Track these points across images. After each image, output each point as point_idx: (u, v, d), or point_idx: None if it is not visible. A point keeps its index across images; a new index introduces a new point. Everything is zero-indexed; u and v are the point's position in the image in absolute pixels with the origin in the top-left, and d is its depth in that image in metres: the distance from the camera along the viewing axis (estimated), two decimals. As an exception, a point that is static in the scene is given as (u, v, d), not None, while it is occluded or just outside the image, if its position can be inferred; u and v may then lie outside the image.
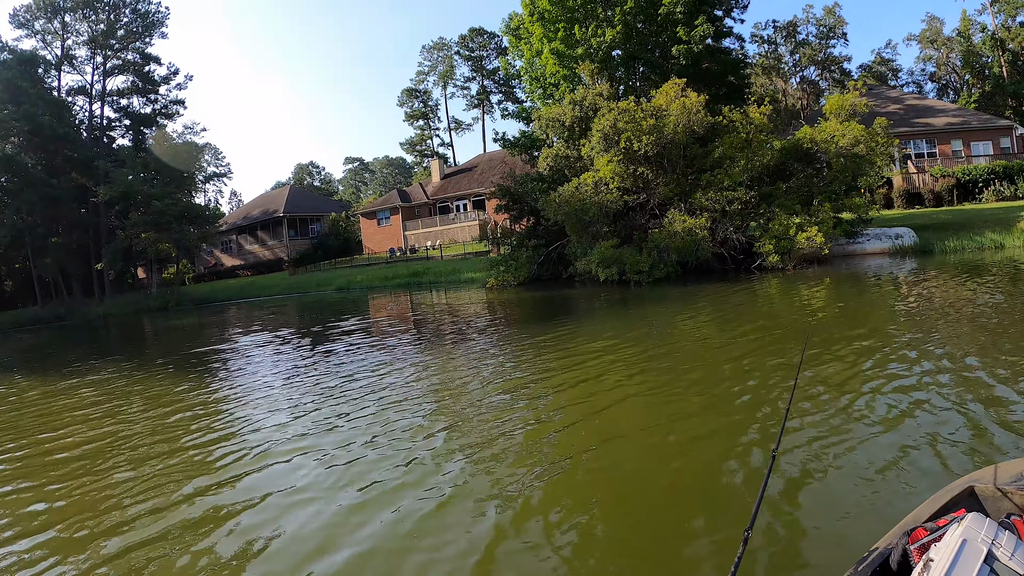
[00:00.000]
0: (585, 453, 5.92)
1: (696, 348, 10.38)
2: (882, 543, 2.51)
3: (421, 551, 4.38)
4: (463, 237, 47.63)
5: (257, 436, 7.63)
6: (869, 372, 7.51)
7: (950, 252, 20.16)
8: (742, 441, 5.84)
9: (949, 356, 7.76)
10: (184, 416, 9.17)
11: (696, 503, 4.77)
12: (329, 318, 22.35)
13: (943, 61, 68.71)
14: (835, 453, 5.25)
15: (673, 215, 21.14)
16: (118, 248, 41.66)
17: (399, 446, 6.62)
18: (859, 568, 2.38)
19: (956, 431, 5.35)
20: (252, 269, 59.03)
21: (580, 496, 5.07)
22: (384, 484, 5.60)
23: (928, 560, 2.05)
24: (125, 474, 6.69)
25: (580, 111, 24.44)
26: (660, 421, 6.72)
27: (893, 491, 4.42)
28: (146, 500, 5.83)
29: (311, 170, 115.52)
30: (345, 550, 4.48)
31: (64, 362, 18.12)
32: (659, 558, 4.08)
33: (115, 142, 51.40)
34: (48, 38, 47.17)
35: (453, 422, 7.37)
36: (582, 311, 17.46)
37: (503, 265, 27.17)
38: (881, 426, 5.69)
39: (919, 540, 2.27)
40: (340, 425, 7.66)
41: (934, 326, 9.77)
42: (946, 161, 37.81)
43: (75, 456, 7.62)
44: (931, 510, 2.64)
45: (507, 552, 4.27)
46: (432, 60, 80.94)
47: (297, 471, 6.18)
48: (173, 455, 7.23)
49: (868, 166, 21.64)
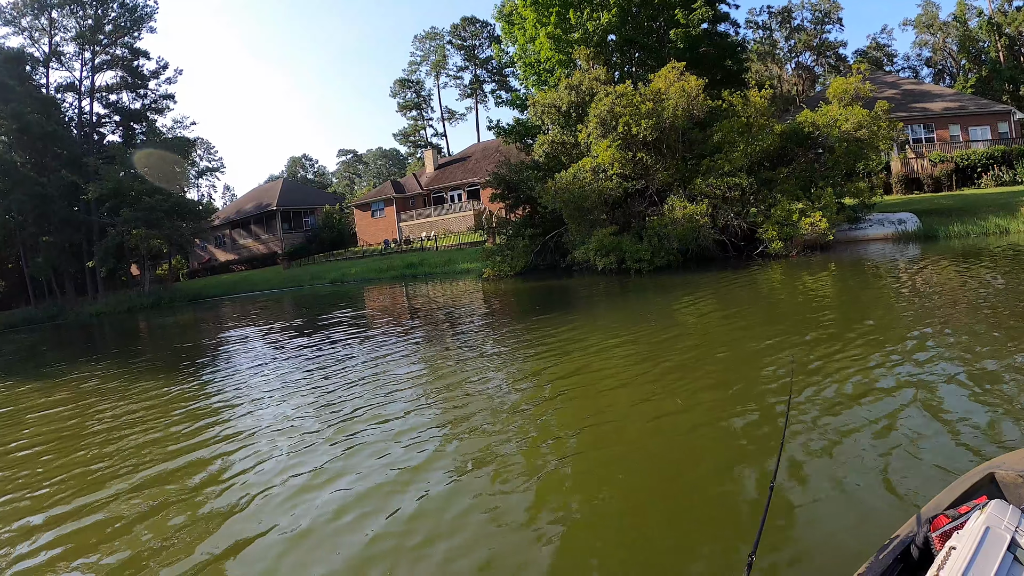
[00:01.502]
0: (590, 454, 5.65)
1: (707, 344, 10.02)
2: (903, 531, 2.49)
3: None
4: (458, 227, 47.22)
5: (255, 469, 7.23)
6: (887, 364, 7.18)
7: (955, 238, 19.78)
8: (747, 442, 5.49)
9: (966, 345, 7.44)
10: (149, 415, 8.81)
11: (695, 504, 4.57)
12: (320, 313, 21.96)
13: (939, 46, 68.28)
14: (847, 434, 5.12)
15: (673, 201, 20.73)
16: (109, 245, 41.15)
17: (391, 449, 6.29)
18: (880, 556, 2.36)
19: (973, 418, 5.21)
20: (246, 264, 58.59)
21: (580, 487, 4.96)
22: (380, 485, 5.42)
23: (950, 548, 2.03)
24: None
25: (576, 96, 23.95)
26: (663, 422, 6.36)
27: (911, 482, 4.26)
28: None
29: (304, 163, 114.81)
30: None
31: (45, 362, 17.76)
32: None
33: (105, 138, 50.88)
34: (36, 35, 46.54)
35: (451, 419, 7.09)
36: (581, 301, 17.08)
37: (499, 255, 26.73)
38: (889, 418, 5.48)
39: (940, 528, 2.27)
40: (333, 440, 7.29)
41: (954, 314, 9.36)
42: (944, 146, 37.46)
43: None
44: (952, 497, 2.61)
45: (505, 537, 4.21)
46: (424, 50, 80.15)
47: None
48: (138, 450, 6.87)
49: (871, 151, 21.26)
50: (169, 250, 46.12)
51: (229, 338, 18.23)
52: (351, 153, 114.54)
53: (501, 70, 74.36)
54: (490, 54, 74.41)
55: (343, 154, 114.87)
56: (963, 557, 1.94)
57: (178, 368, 13.44)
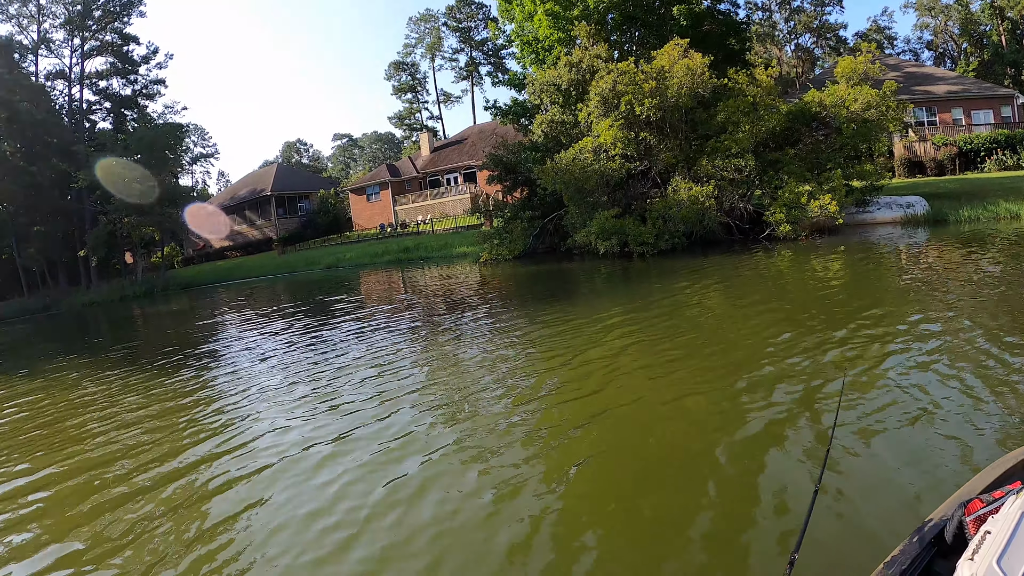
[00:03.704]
0: (596, 450, 5.38)
1: (721, 343, 9.58)
2: (937, 514, 2.46)
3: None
4: (455, 211, 46.65)
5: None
6: (928, 350, 6.86)
7: (965, 222, 19.27)
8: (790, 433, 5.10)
9: (995, 335, 7.01)
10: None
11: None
12: (310, 300, 21.53)
13: (940, 29, 67.56)
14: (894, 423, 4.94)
15: (677, 182, 20.16)
16: (101, 234, 40.46)
17: (387, 439, 5.97)
18: (913, 539, 2.35)
19: (1010, 404, 5.06)
20: (241, 250, 58.07)
21: (581, 477, 4.85)
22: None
23: (985, 532, 2.00)
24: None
25: (577, 74, 23.26)
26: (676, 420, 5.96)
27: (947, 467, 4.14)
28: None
29: (299, 148, 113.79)
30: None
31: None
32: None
33: (96, 126, 50.13)
34: (24, 22, 45.73)
35: (449, 412, 6.78)
36: (582, 286, 16.61)
37: (496, 238, 26.13)
38: (925, 403, 5.30)
39: (975, 512, 2.23)
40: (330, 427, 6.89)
41: (984, 303, 8.86)
42: (947, 130, 37.02)
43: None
44: (986, 481, 2.59)
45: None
46: (419, 32, 79.00)
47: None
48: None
49: (880, 132, 20.72)
50: (162, 237, 45.41)
51: (217, 326, 17.89)
52: (346, 137, 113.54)
53: (497, 52, 73.40)
54: (486, 36, 73.42)
55: (338, 138, 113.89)
56: (998, 542, 1.91)
57: (160, 360, 13.03)
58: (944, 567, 2.21)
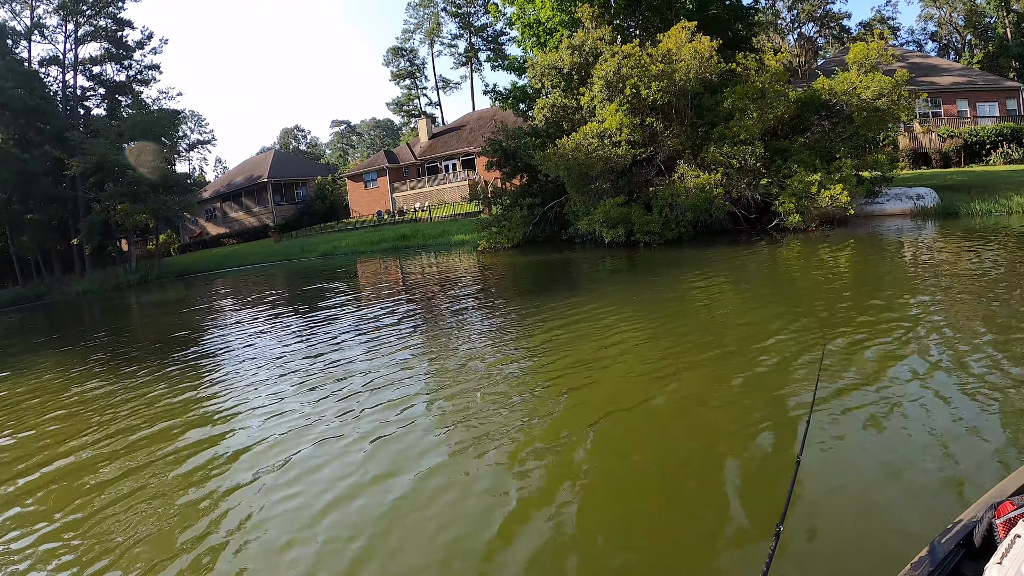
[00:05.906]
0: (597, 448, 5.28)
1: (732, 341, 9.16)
2: (966, 516, 2.42)
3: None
4: (453, 198, 46.13)
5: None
6: (940, 348, 6.58)
7: (976, 215, 18.80)
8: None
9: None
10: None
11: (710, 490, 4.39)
12: (305, 288, 21.12)
13: (945, 20, 66.87)
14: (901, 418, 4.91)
15: (684, 170, 19.63)
16: (95, 221, 39.82)
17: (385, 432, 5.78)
18: (941, 540, 2.31)
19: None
20: (238, 237, 57.65)
21: (582, 473, 4.83)
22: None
23: (1016, 536, 1.95)
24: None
25: (579, 57, 22.62)
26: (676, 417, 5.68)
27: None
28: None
29: (296, 134, 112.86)
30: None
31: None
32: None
33: (90, 112, 49.64)
34: (16, 7, 44.84)
35: (444, 407, 6.59)
36: (585, 276, 16.17)
37: (495, 226, 25.51)
38: (942, 400, 5.19)
39: (1006, 514, 2.18)
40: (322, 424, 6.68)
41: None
42: (952, 121, 36.58)
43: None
44: (1018, 483, 2.52)
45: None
46: (418, 17, 77.96)
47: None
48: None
49: (891, 121, 20.23)
50: (156, 225, 44.83)
51: (208, 317, 17.53)
52: (344, 124, 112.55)
53: (496, 38, 72.53)
54: (486, 21, 72.50)
55: (336, 125, 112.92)
56: None
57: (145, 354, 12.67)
58: (972, 569, 2.16)
